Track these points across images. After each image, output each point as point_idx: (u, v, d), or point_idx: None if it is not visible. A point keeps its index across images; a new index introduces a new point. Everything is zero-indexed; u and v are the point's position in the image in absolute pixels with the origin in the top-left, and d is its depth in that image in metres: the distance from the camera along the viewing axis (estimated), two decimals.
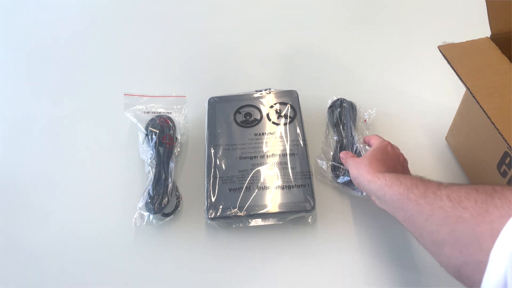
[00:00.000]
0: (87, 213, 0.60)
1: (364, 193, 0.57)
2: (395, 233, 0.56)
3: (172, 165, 0.61)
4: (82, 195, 0.62)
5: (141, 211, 0.57)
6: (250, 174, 0.58)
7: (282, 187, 0.57)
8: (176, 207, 0.59)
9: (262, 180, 0.58)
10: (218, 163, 0.60)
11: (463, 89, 0.55)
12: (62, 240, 0.58)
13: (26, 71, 0.80)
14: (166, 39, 0.84)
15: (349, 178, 0.58)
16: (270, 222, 0.57)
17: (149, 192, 0.58)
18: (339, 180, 0.59)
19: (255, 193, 0.57)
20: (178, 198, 0.60)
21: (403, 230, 0.55)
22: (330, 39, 0.82)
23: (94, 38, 0.85)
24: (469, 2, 0.81)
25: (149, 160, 0.61)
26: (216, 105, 0.67)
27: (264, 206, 0.56)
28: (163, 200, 0.57)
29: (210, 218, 0.55)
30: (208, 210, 0.56)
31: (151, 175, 0.60)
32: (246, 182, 0.58)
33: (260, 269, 0.54)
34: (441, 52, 0.48)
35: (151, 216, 0.57)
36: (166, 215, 0.58)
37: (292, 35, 0.83)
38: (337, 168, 0.60)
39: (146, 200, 0.57)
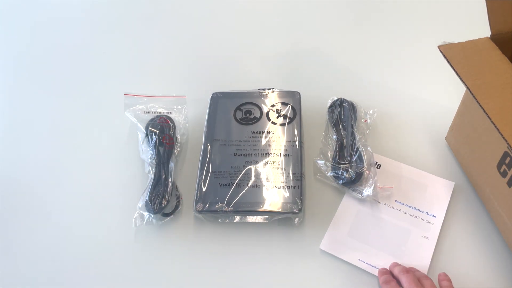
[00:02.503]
0: (87, 213, 0.60)
1: (364, 194, 0.57)
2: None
3: (172, 165, 0.61)
4: (82, 195, 0.62)
5: (141, 211, 0.57)
6: (242, 171, 0.58)
7: (272, 187, 0.57)
8: (176, 207, 0.59)
9: (253, 178, 0.58)
10: (212, 157, 0.60)
11: (463, 89, 0.55)
12: (62, 240, 0.58)
13: (26, 71, 0.80)
14: (166, 39, 0.84)
15: (348, 178, 0.58)
16: (256, 220, 0.57)
17: (149, 192, 0.58)
18: (339, 181, 0.59)
19: (244, 190, 0.57)
20: (178, 198, 0.60)
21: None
22: (331, 39, 0.82)
23: (94, 38, 0.85)
24: (469, 2, 0.81)
25: (149, 160, 0.61)
26: (219, 100, 0.67)
27: (252, 204, 0.56)
28: (163, 200, 0.57)
29: (198, 211, 0.56)
30: (196, 203, 0.56)
31: (151, 175, 0.60)
32: (238, 179, 0.58)
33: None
34: (441, 52, 0.48)
35: (151, 216, 0.57)
36: (166, 215, 0.58)
37: (293, 34, 0.83)
38: (337, 168, 0.59)
39: (146, 200, 0.57)
